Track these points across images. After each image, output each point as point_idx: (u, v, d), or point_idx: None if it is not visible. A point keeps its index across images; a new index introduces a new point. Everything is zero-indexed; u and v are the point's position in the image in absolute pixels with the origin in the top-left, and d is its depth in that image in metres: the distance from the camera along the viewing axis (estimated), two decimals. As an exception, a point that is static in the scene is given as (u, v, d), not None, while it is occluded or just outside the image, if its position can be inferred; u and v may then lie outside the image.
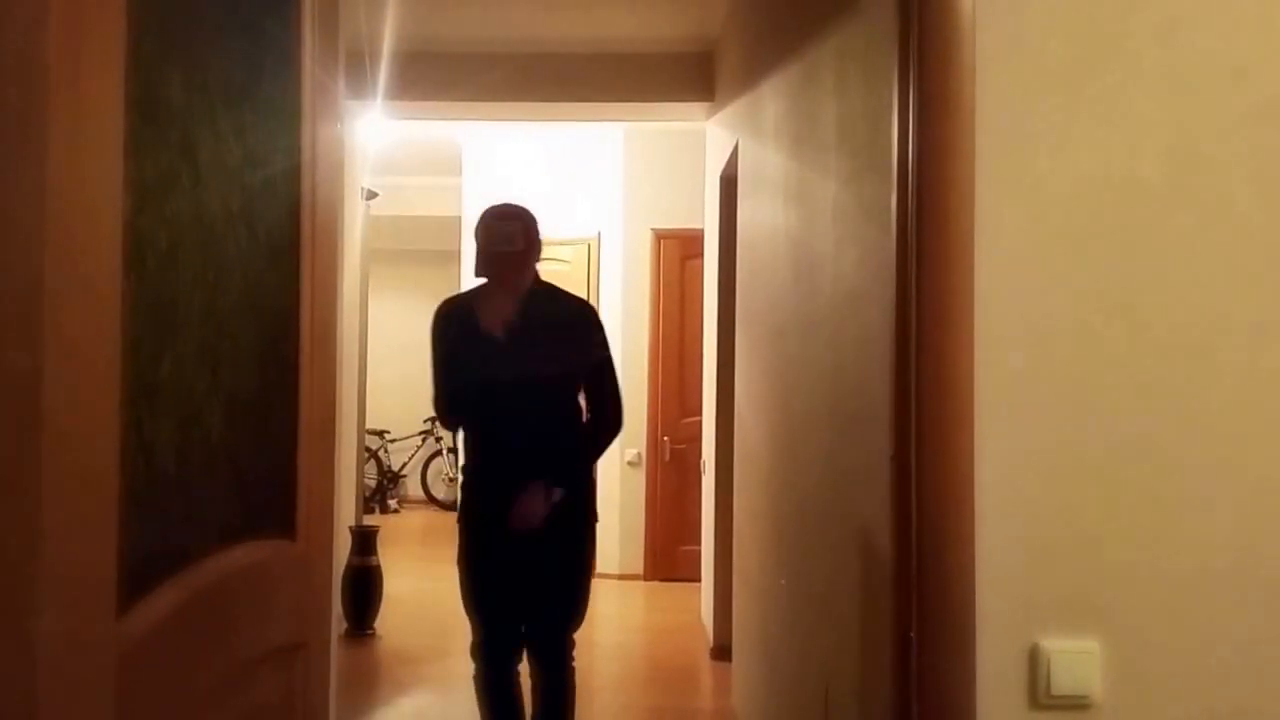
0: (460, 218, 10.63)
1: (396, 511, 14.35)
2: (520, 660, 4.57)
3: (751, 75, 5.30)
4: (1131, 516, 2.13)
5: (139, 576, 1.49)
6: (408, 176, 11.10)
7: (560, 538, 4.34)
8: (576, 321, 4.46)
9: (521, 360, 4.21)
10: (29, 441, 1.18)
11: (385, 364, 13.28)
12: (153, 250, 1.55)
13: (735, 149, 5.96)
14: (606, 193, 10.02)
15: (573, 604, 4.48)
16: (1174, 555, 2.12)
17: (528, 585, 4.40)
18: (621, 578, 9.58)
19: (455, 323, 4.37)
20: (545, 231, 8.56)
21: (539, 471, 4.25)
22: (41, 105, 1.19)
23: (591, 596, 4.60)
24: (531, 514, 4.21)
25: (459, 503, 4.59)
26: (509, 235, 4.28)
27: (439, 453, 14.61)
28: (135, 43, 1.41)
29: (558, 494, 4.26)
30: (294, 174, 2.20)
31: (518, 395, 4.24)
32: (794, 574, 3.90)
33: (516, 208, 4.45)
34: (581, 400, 4.44)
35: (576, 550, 4.48)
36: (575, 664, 4.58)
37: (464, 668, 6.98)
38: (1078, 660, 2.12)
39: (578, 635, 4.58)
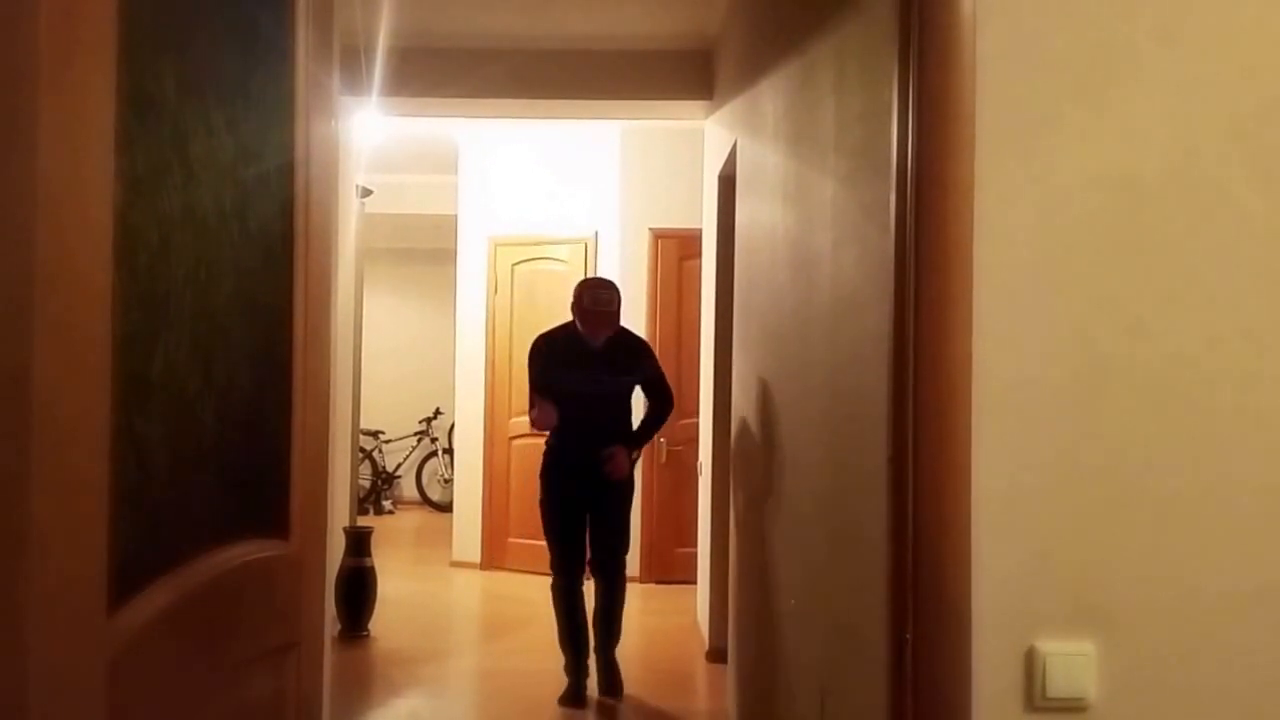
0: (455, 216, 10.64)
1: (391, 513, 14.31)
2: (584, 574, 6.55)
3: (750, 74, 5.30)
4: (1129, 519, 2.12)
5: (130, 576, 1.49)
6: (403, 174, 11.10)
7: (617, 490, 6.51)
8: (637, 349, 6.71)
9: (606, 372, 6.40)
10: (19, 439, 1.18)
11: (380, 364, 13.31)
12: (144, 246, 1.55)
13: (734, 148, 5.95)
14: (603, 192, 10.00)
15: (623, 534, 6.65)
16: (1171, 558, 2.11)
17: (595, 520, 6.50)
18: (618, 579, 9.57)
19: (559, 346, 6.45)
20: (541, 230, 8.86)
21: (616, 441, 6.41)
22: (32, 99, 1.19)
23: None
24: (621, 466, 6.38)
25: (543, 466, 6.53)
26: (608, 300, 6.40)
27: (434, 454, 14.59)
28: (126, 36, 1.41)
29: (637, 454, 6.66)
30: (288, 170, 2.20)
31: (598, 395, 6.37)
32: (790, 576, 3.89)
33: (610, 280, 6.77)
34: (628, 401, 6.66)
35: (626, 500, 6.64)
36: (625, 579, 6.70)
37: (457, 669, 7.08)
38: (1074, 663, 2.11)
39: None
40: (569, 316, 6.59)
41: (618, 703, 6.44)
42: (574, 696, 6.42)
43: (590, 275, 9.48)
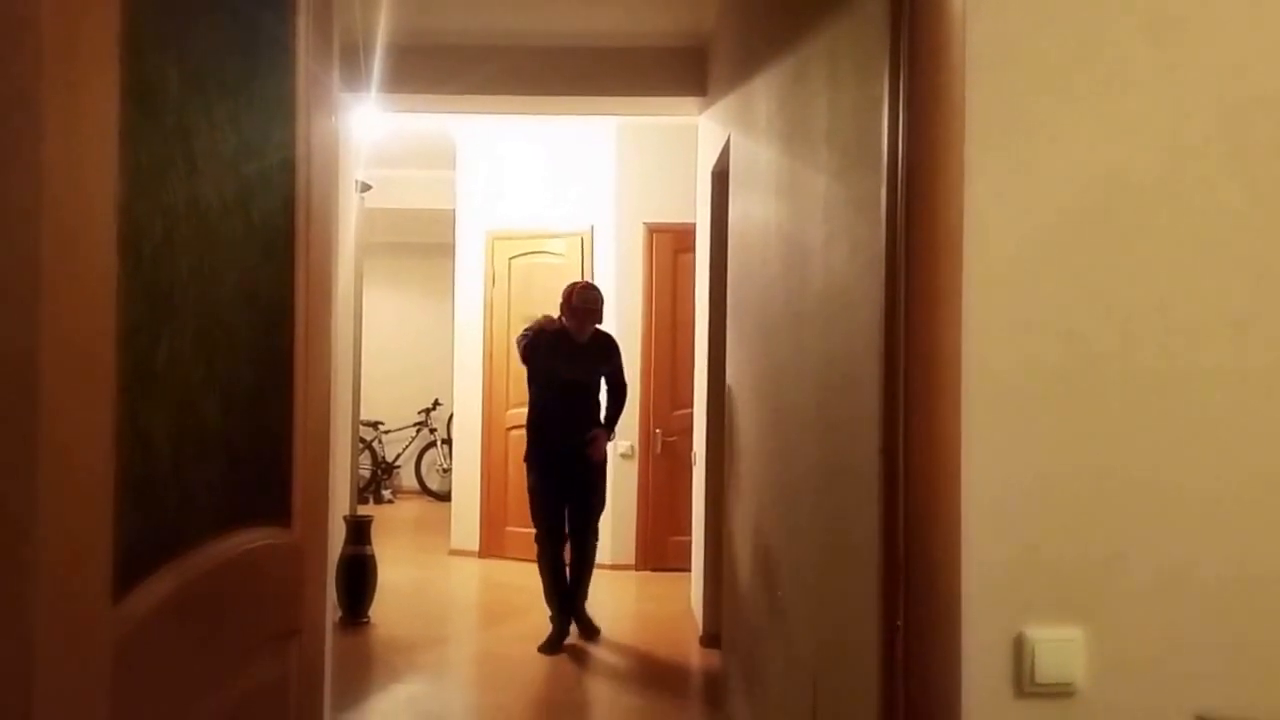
0: (454, 211, 10.65)
1: (391, 502, 14.34)
2: (566, 542, 7.56)
3: (744, 70, 5.31)
4: (1116, 508, 2.15)
5: (134, 562, 1.50)
6: (402, 169, 11.10)
7: (595, 469, 7.56)
8: (610, 346, 7.72)
9: (588, 363, 7.51)
10: (24, 429, 1.19)
11: (380, 356, 13.32)
12: (148, 239, 1.55)
13: (727, 144, 5.96)
14: (599, 186, 10.02)
15: (600, 507, 7.70)
16: (1158, 545, 2.14)
17: (575, 493, 7.51)
18: (613, 567, 9.62)
19: (548, 340, 7.39)
20: (538, 224, 9.04)
21: (593, 425, 7.54)
22: (36, 94, 1.20)
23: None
24: (602, 448, 7.54)
25: (529, 445, 7.51)
26: (594, 299, 7.51)
27: (433, 444, 14.62)
28: (130, 31, 1.41)
29: (614, 436, 7.81)
30: (289, 165, 2.21)
31: (579, 384, 7.49)
32: (783, 564, 3.91)
33: (594, 285, 7.90)
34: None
35: (603, 477, 7.70)
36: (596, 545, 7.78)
37: (456, 655, 7.12)
38: (1062, 649, 2.14)
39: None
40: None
41: (597, 643, 7.49)
42: (555, 643, 7.33)
43: (586, 269, 9.82)
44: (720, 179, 6.41)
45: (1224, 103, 2.15)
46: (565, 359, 7.41)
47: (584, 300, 7.46)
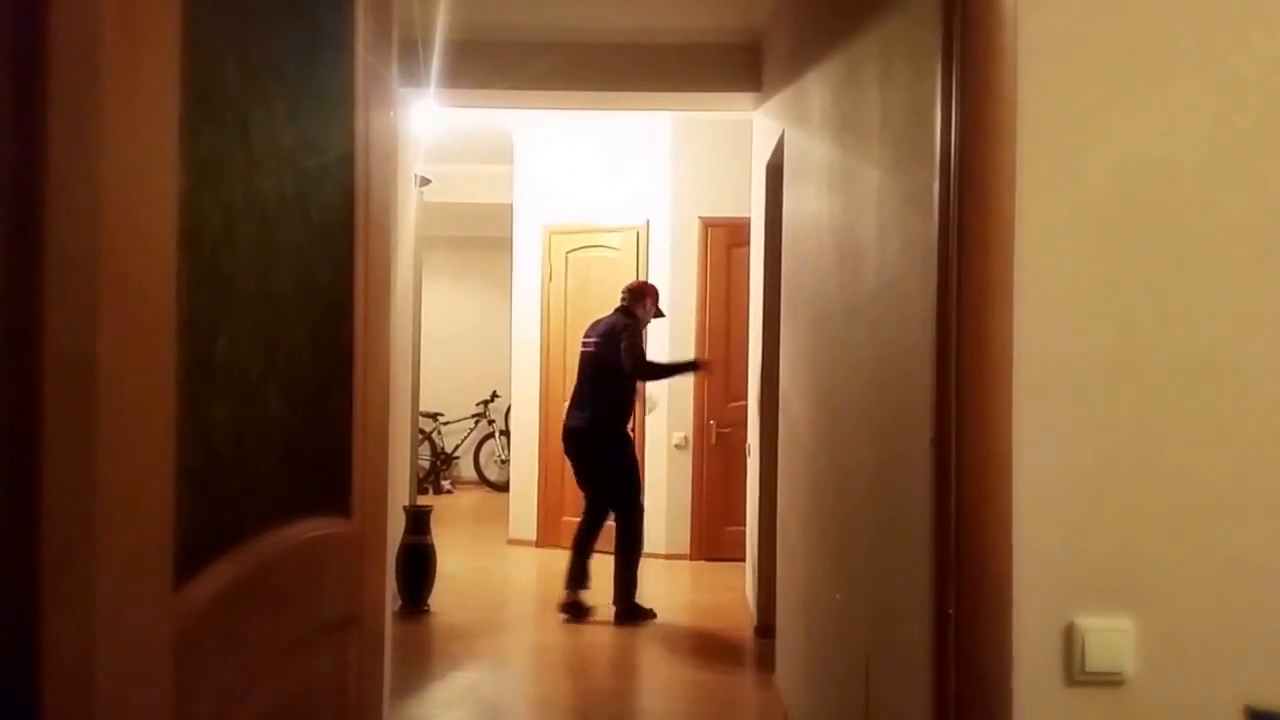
0: (511, 205, 10.72)
1: (450, 492, 14.49)
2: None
3: (797, 66, 5.32)
4: (1166, 498, 2.15)
5: (196, 551, 1.51)
6: (460, 164, 11.16)
7: None
8: None
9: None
10: (86, 419, 1.20)
11: (439, 348, 13.41)
12: (208, 232, 1.57)
13: (781, 139, 5.98)
14: (655, 181, 10.07)
15: None
16: (1207, 536, 2.14)
17: None
18: (668, 557, 9.71)
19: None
20: (594, 218, 9.23)
21: None
22: (98, 88, 1.21)
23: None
24: None
25: (625, 429, 8.11)
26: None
27: (491, 435, 14.74)
28: (190, 26, 1.42)
29: None
30: (348, 159, 2.22)
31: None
32: (836, 554, 3.93)
33: None
34: None
35: None
36: None
37: (514, 642, 7.18)
38: (1112, 638, 2.15)
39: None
40: (618, 303, 8.05)
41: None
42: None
43: (641, 263, 10.00)
44: (774, 173, 6.42)
45: (1271, 93, 2.15)
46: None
47: (658, 300, 8.20)
